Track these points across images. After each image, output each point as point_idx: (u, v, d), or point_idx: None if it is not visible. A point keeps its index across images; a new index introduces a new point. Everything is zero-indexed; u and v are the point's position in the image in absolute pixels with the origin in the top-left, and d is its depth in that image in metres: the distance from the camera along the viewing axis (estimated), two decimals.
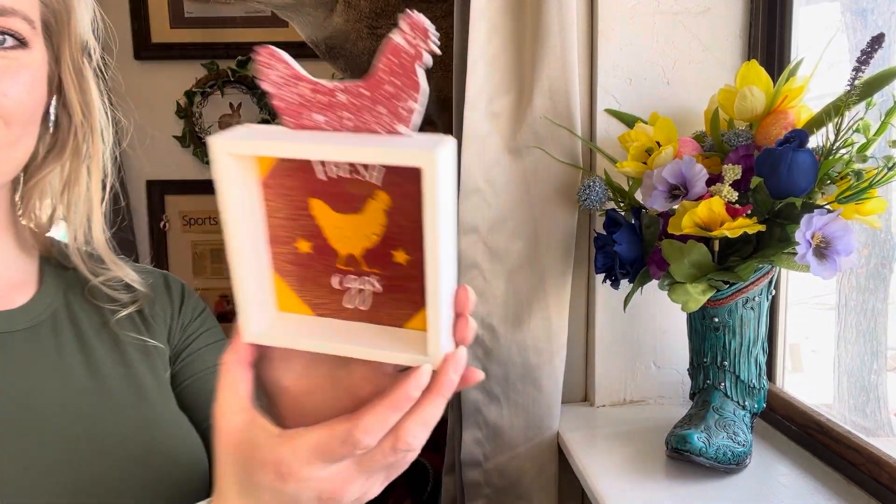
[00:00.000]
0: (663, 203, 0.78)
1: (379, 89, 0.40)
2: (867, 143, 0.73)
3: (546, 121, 0.95)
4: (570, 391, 1.06)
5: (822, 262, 0.69)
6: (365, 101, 0.40)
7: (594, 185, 0.88)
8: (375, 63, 0.39)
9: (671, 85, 0.98)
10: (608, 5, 0.96)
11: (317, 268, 0.45)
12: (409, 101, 0.40)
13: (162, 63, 1.85)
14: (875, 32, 0.70)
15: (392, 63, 0.39)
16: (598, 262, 0.87)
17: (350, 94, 0.40)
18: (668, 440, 0.79)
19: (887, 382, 1.07)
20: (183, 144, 1.88)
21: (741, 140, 0.80)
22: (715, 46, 0.97)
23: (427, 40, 0.38)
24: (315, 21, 1.31)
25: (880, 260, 1.01)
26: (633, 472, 0.80)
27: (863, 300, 1.03)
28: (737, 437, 0.78)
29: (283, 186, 0.43)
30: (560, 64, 0.93)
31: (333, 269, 0.45)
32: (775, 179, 0.72)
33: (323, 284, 0.45)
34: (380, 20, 1.31)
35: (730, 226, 0.71)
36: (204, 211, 1.89)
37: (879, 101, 0.74)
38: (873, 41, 0.70)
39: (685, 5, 0.96)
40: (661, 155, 0.81)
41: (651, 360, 1.03)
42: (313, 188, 0.43)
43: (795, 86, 0.78)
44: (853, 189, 0.72)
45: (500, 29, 0.97)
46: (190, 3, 1.81)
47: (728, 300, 0.80)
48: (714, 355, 0.83)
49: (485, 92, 0.97)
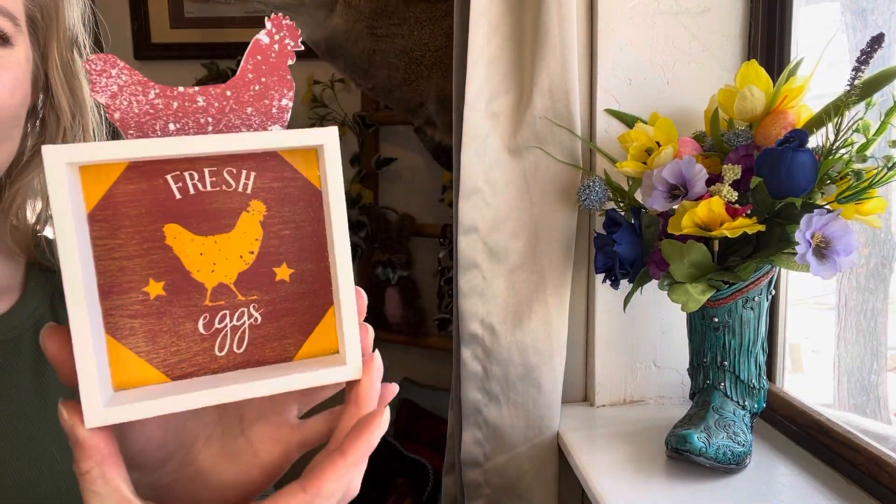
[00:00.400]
0: (663, 203, 0.78)
1: (245, 90, 0.37)
2: (867, 143, 0.73)
3: (546, 121, 0.95)
4: (570, 391, 1.06)
5: (821, 262, 0.69)
6: (229, 103, 0.37)
7: (594, 185, 0.88)
8: (241, 65, 0.37)
9: (671, 85, 0.98)
10: (608, 5, 0.96)
11: (175, 313, 0.36)
12: (283, 99, 0.38)
13: (162, 63, 1.85)
14: (875, 32, 0.70)
15: (258, 62, 0.37)
16: (598, 262, 0.87)
17: (210, 97, 0.36)
18: (668, 440, 0.79)
19: (887, 382, 1.07)
20: None
21: (741, 140, 0.80)
22: (715, 46, 0.97)
23: (295, 38, 0.37)
24: (315, 21, 1.31)
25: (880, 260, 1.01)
26: (633, 472, 0.80)
27: (863, 300, 1.03)
28: (737, 437, 0.78)
29: (125, 216, 0.35)
30: (560, 64, 0.93)
31: (199, 308, 0.36)
32: (775, 179, 0.72)
33: (184, 334, 0.37)
34: (380, 20, 1.31)
35: (730, 226, 0.71)
36: None
37: (879, 101, 0.74)
38: (873, 41, 0.70)
39: (685, 5, 0.96)
40: (660, 155, 0.81)
41: (651, 360, 1.03)
42: (168, 211, 0.35)
43: (795, 86, 0.78)
44: (853, 189, 0.72)
45: (500, 29, 0.97)
46: (190, 3, 1.81)
47: (728, 300, 0.80)
48: (714, 355, 0.83)
49: (485, 92, 0.97)
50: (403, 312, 1.78)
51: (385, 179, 1.87)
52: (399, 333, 1.81)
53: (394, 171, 1.86)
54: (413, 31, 1.32)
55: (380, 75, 1.36)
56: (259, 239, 0.37)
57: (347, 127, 1.81)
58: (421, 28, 1.32)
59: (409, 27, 1.32)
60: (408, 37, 1.32)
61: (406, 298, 1.78)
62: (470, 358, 1.00)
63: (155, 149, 0.33)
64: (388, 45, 1.32)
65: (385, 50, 1.33)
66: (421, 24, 1.32)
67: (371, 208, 1.82)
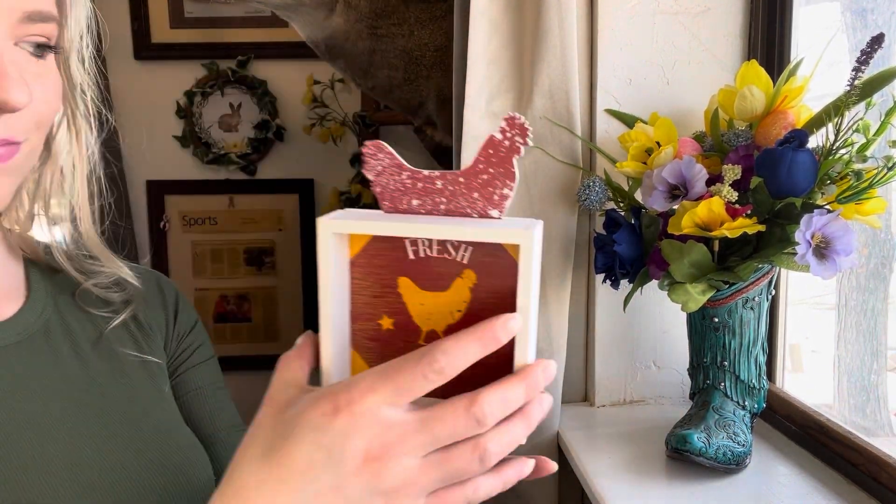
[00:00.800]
0: (663, 203, 0.78)
1: (475, 177, 0.45)
2: (867, 143, 0.73)
3: (546, 121, 0.95)
4: (570, 391, 1.06)
5: (821, 262, 0.69)
6: (460, 188, 0.45)
7: (594, 185, 0.88)
8: (475, 157, 0.44)
9: (671, 85, 0.98)
10: (608, 5, 0.96)
11: (397, 344, 0.47)
12: (504, 189, 0.44)
13: (162, 63, 1.84)
14: (875, 32, 0.70)
15: (490, 155, 0.44)
16: (598, 261, 0.87)
17: (446, 181, 0.45)
18: (668, 440, 0.79)
19: (887, 382, 1.07)
20: (183, 144, 1.88)
21: (741, 140, 0.80)
22: (715, 46, 0.97)
23: (525, 136, 0.43)
24: (315, 21, 1.31)
25: (880, 260, 1.01)
26: (633, 472, 0.80)
27: (863, 300, 1.03)
28: (737, 437, 0.78)
29: (373, 265, 0.47)
30: (560, 64, 0.93)
31: (414, 345, 0.46)
32: (775, 179, 0.72)
33: None
34: (380, 20, 1.31)
35: (730, 226, 0.71)
36: (204, 211, 1.89)
37: (879, 101, 0.74)
38: (873, 41, 0.70)
39: (685, 5, 0.96)
40: (660, 155, 0.81)
41: (651, 360, 1.03)
42: (403, 267, 0.46)
43: (795, 86, 0.78)
44: (853, 189, 0.72)
45: (500, 28, 0.97)
46: (190, 3, 1.81)
47: (728, 300, 0.80)
48: (714, 355, 0.83)
49: (484, 91, 0.97)
50: None
51: None
52: None
53: None
54: (413, 31, 1.32)
55: (380, 75, 1.36)
56: (466, 302, 0.46)
57: (347, 127, 1.81)
58: (421, 28, 1.32)
59: (409, 27, 1.32)
60: (408, 37, 1.32)
61: None
62: None
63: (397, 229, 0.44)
64: (388, 45, 1.32)
65: (385, 50, 1.33)
66: (421, 24, 1.32)
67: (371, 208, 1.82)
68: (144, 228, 1.89)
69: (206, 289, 1.91)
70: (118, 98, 1.84)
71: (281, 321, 1.94)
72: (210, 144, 1.87)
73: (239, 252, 1.91)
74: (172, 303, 0.74)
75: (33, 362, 0.58)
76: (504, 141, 0.44)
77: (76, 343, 0.63)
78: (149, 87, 1.86)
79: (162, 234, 1.90)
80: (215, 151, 1.87)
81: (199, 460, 0.64)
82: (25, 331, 0.59)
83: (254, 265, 1.92)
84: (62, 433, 0.56)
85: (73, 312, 0.64)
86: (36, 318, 0.61)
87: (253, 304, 1.93)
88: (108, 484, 0.56)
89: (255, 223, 1.90)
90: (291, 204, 1.90)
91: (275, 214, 1.90)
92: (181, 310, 0.74)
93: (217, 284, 1.92)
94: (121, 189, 1.83)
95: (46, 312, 0.62)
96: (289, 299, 1.93)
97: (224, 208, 1.89)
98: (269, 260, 1.92)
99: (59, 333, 0.62)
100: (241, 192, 1.89)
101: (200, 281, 1.91)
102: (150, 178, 1.89)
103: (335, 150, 1.87)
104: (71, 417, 0.58)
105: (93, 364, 0.63)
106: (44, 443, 0.55)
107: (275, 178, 1.90)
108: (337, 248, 0.46)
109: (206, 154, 1.87)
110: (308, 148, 1.88)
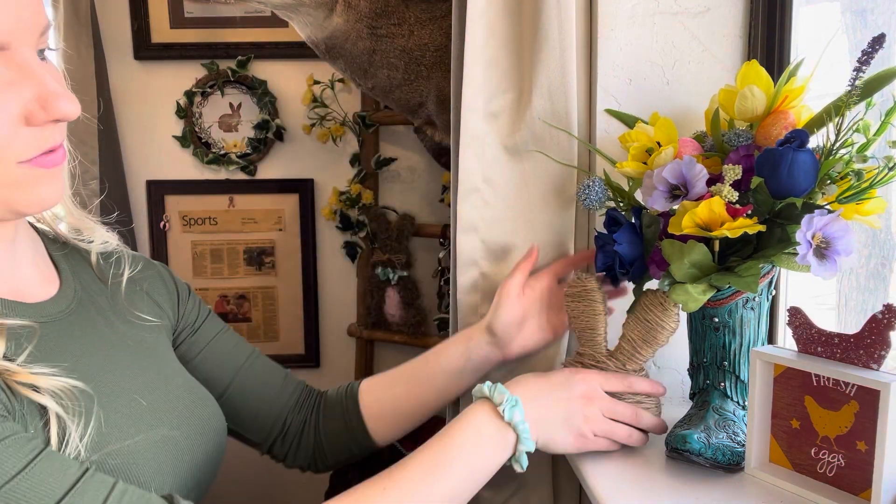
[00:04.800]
0: (663, 203, 0.78)
1: (861, 341, 0.67)
2: (867, 143, 0.73)
3: (544, 121, 0.95)
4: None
5: (822, 262, 0.69)
6: (851, 346, 0.68)
7: (594, 185, 0.88)
8: (863, 325, 0.67)
9: (671, 85, 0.98)
10: (608, 5, 0.96)
11: (801, 439, 0.73)
12: (882, 352, 0.65)
13: (162, 63, 1.84)
14: (875, 32, 0.70)
15: (873, 328, 0.66)
16: (599, 261, 0.87)
17: (842, 339, 0.69)
18: (668, 440, 0.79)
19: None
20: (183, 144, 1.88)
21: (742, 140, 0.80)
22: (715, 46, 0.97)
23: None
24: (315, 21, 1.30)
25: (880, 260, 1.01)
26: (632, 471, 0.80)
27: (863, 300, 1.03)
28: (737, 438, 0.78)
29: (789, 385, 0.74)
30: (559, 65, 0.93)
31: (813, 443, 0.72)
32: (776, 179, 0.72)
33: (803, 451, 0.73)
34: (380, 20, 1.31)
35: (730, 226, 0.71)
36: (204, 211, 1.89)
37: (879, 101, 0.74)
38: (874, 41, 0.70)
39: (685, 5, 0.96)
40: (661, 155, 0.81)
41: (651, 360, 1.03)
42: (808, 389, 0.72)
43: (796, 86, 0.78)
44: (854, 189, 0.72)
45: (498, 30, 0.97)
46: (190, 3, 1.81)
47: (728, 300, 0.80)
48: (714, 355, 0.83)
49: (483, 92, 0.97)
50: (403, 312, 1.78)
51: (385, 179, 1.87)
52: (399, 333, 1.81)
53: (394, 171, 1.86)
54: (413, 31, 1.32)
55: (380, 75, 1.36)
56: (851, 422, 0.68)
57: (347, 127, 1.81)
58: (421, 28, 1.32)
59: (409, 27, 1.32)
60: (408, 37, 1.32)
61: (406, 298, 1.78)
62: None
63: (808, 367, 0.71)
64: (388, 45, 1.32)
65: (385, 50, 1.32)
66: (421, 24, 1.32)
67: (371, 208, 1.82)
68: (144, 228, 1.89)
69: (205, 289, 1.91)
70: (118, 98, 1.84)
71: (280, 321, 1.94)
72: (210, 144, 1.87)
73: (239, 252, 1.91)
74: (168, 275, 0.88)
75: (85, 326, 0.71)
76: (883, 320, 0.65)
77: (101, 309, 0.75)
78: (149, 87, 1.86)
79: (162, 234, 1.90)
80: (215, 151, 1.87)
81: (216, 413, 0.80)
82: (69, 306, 0.71)
83: (254, 265, 1.92)
84: (126, 378, 0.71)
85: (94, 284, 0.77)
86: (72, 293, 0.73)
87: (253, 304, 1.93)
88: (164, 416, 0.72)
89: (255, 223, 1.90)
90: (291, 204, 1.90)
91: (275, 214, 1.90)
92: (176, 280, 0.89)
93: (217, 284, 1.92)
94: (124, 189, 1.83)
95: (77, 288, 0.74)
96: (289, 299, 1.93)
97: (224, 208, 1.89)
98: (269, 260, 1.92)
99: (89, 304, 0.74)
100: (241, 192, 1.89)
101: (200, 281, 1.91)
102: (150, 178, 1.89)
103: (335, 150, 1.87)
104: (123, 368, 0.72)
105: (118, 328, 0.75)
106: (118, 380, 0.70)
107: (275, 178, 1.90)
108: (765, 369, 0.75)
109: (206, 154, 1.87)
110: (308, 148, 1.88)
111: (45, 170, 0.61)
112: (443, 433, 0.73)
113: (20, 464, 0.54)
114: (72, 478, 0.56)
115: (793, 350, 0.74)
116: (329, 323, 1.96)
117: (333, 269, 1.94)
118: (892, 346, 0.64)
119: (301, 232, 1.90)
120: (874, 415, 0.64)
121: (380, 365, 1.95)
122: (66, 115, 0.59)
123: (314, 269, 1.92)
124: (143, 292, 0.82)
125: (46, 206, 0.64)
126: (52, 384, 0.60)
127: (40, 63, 0.60)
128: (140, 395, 0.70)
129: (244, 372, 0.89)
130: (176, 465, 0.70)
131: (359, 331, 1.87)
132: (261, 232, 1.91)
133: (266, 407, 0.91)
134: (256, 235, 1.91)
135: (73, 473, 0.56)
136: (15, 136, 0.58)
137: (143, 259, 0.86)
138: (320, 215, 1.90)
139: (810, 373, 0.71)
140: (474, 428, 0.73)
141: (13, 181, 0.60)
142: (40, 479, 0.54)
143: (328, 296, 1.95)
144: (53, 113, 0.59)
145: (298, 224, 1.90)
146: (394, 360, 1.94)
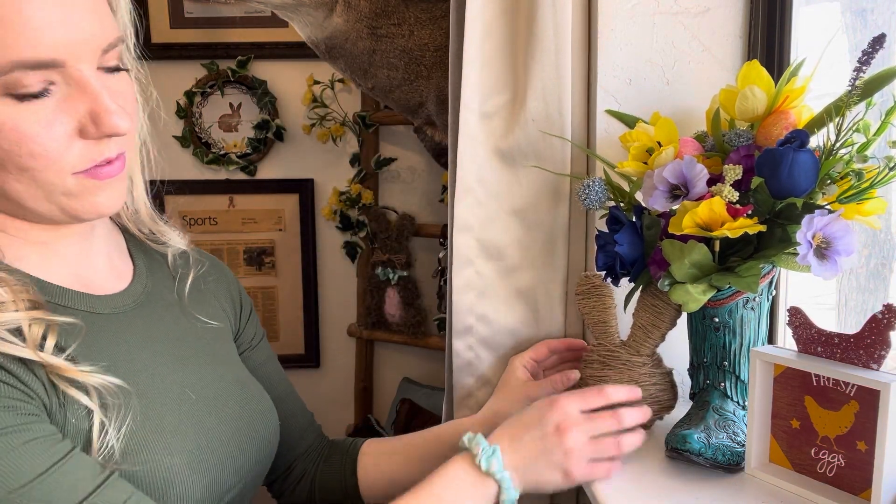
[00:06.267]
0: (664, 203, 0.78)
1: (861, 341, 0.67)
2: (867, 143, 0.72)
3: (538, 122, 0.95)
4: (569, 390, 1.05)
5: (822, 262, 0.69)
6: (851, 346, 0.68)
7: (594, 185, 0.88)
8: (863, 325, 0.67)
9: (671, 85, 0.98)
10: (608, 5, 0.96)
11: (801, 439, 0.73)
12: (882, 352, 0.65)
13: (162, 63, 1.84)
14: (875, 32, 0.70)
15: (873, 328, 0.65)
16: (599, 260, 0.87)
17: (842, 339, 0.68)
18: (668, 440, 0.79)
19: None
20: (183, 144, 1.88)
21: (742, 140, 0.80)
22: (715, 46, 0.97)
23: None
24: (315, 21, 1.30)
25: (880, 260, 1.01)
26: (631, 471, 0.80)
27: (863, 300, 1.03)
28: (737, 437, 0.78)
29: (789, 385, 0.74)
30: (554, 68, 0.93)
31: (813, 443, 0.72)
32: (776, 180, 0.72)
33: (803, 451, 0.73)
34: (380, 20, 1.31)
35: (731, 226, 0.71)
36: (204, 211, 1.89)
37: (879, 101, 0.74)
38: (874, 41, 0.70)
39: (685, 5, 0.96)
40: (661, 155, 0.81)
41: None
42: (808, 389, 0.72)
43: (796, 86, 0.78)
44: (854, 189, 0.72)
45: (495, 31, 0.98)
46: (190, 3, 1.81)
47: (728, 300, 0.80)
48: (714, 355, 0.83)
49: (479, 93, 0.98)
50: (403, 312, 1.78)
51: (385, 179, 1.87)
52: (399, 333, 1.81)
53: (394, 171, 1.86)
54: (413, 31, 1.32)
55: (380, 75, 1.36)
56: (851, 422, 0.68)
57: (347, 127, 1.81)
58: (421, 28, 1.32)
59: (409, 27, 1.32)
60: (408, 37, 1.32)
61: (406, 298, 1.78)
62: (463, 348, 1.02)
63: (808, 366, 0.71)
64: (388, 45, 1.32)
65: (385, 50, 1.32)
66: (421, 24, 1.32)
67: (371, 208, 1.82)
68: None
69: None
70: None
71: (281, 321, 1.94)
72: (210, 144, 1.87)
73: (239, 252, 1.91)
74: (236, 287, 0.92)
75: (149, 320, 0.75)
76: (883, 320, 0.65)
77: (169, 306, 0.79)
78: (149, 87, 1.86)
79: None
80: (215, 151, 1.87)
81: (269, 409, 0.83)
82: (136, 300, 0.75)
83: (254, 265, 1.92)
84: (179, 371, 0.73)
85: (167, 280, 0.81)
86: (143, 288, 0.77)
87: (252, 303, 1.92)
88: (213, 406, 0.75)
89: (255, 223, 1.90)
90: (291, 204, 1.90)
91: (275, 214, 1.90)
92: (242, 294, 0.93)
93: None
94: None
95: (148, 284, 0.78)
96: (289, 299, 1.93)
97: (224, 208, 1.89)
98: (269, 260, 1.92)
99: (158, 299, 0.78)
100: (241, 192, 1.89)
101: None
102: (150, 178, 1.89)
103: (335, 150, 1.87)
104: (179, 361, 0.74)
105: (182, 323, 0.79)
106: (172, 373, 0.73)
107: (275, 178, 1.90)
108: (765, 369, 0.75)
109: (206, 154, 1.87)
110: (308, 148, 1.88)
111: (99, 181, 0.65)
112: (422, 485, 0.72)
113: (45, 465, 0.56)
114: (92, 484, 0.58)
115: (793, 350, 0.74)
116: (329, 323, 1.96)
117: (333, 269, 1.94)
118: (892, 346, 0.64)
119: (301, 232, 1.90)
120: (874, 415, 0.65)
121: (380, 365, 1.95)
122: (115, 131, 0.62)
123: (314, 270, 1.92)
124: (211, 294, 0.85)
125: (104, 214, 0.67)
126: (95, 381, 0.62)
127: (100, 78, 0.63)
128: (191, 389, 0.73)
129: (278, 405, 0.89)
130: (220, 459, 0.72)
131: (359, 331, 1.87)
132: (261, 232, 1.91)
133: (284, 448, 0.91)
134: (256, 235, 1.91)
135: (94, 479, 0.58)
136: (69, 149, 0.62)
137: (218, 265, 0.91)
138: (320, 215, 1.90)
139: (810, 373, 0.71)
140: (452, 480, 0.72)
141: (69, 191, 0.63)
142: (62, 482, 0.56)
143: (328, 296, 1.95)
144: (103, 128, 0.62)
145: (298, 224, 1.90)
146: (394, 360, 1.94)
